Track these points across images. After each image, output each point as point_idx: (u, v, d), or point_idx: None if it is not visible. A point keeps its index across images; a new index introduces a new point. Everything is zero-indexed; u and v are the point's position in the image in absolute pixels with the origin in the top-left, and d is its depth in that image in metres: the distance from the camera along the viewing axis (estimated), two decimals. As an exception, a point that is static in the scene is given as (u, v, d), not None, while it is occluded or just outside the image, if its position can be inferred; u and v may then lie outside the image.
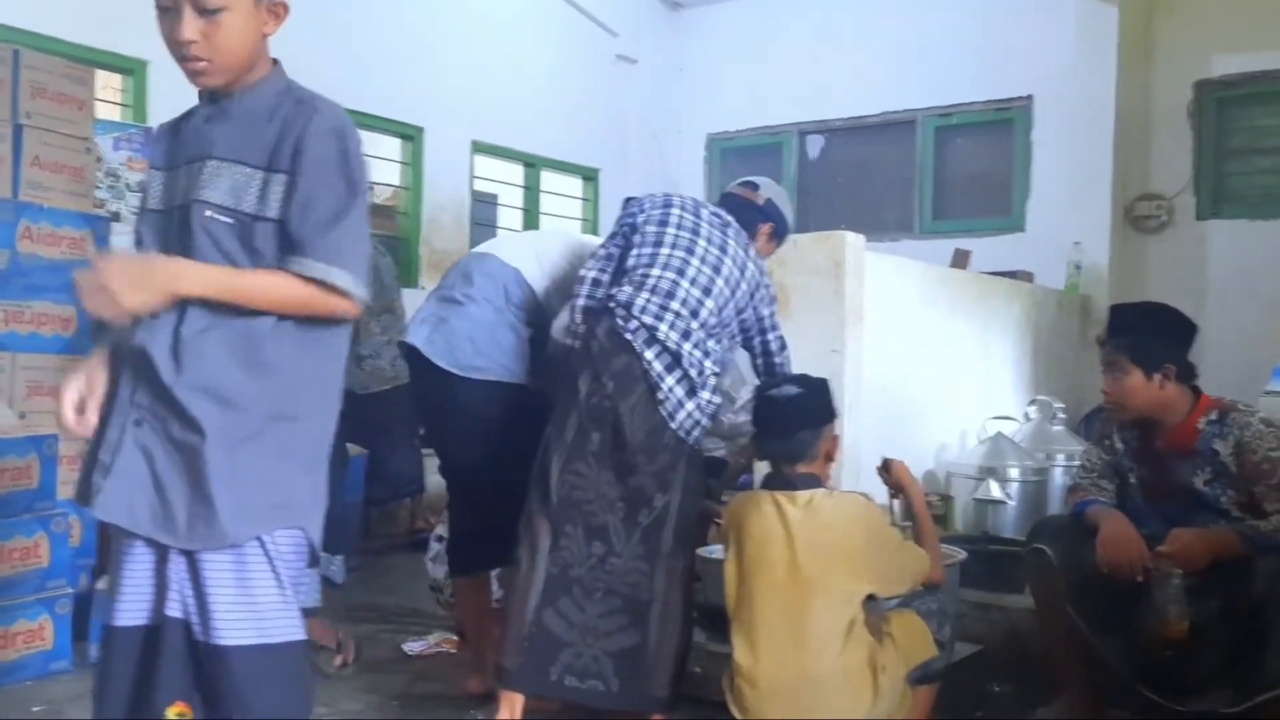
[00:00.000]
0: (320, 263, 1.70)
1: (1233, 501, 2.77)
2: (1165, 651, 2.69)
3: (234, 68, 1.77)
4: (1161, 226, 6.26)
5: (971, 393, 4.66)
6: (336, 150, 1.75)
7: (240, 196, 1.73)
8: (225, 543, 1.69)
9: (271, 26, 1.81)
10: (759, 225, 3.14)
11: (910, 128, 7.16)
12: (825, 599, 2.37)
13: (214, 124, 1.80)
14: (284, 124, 1.76)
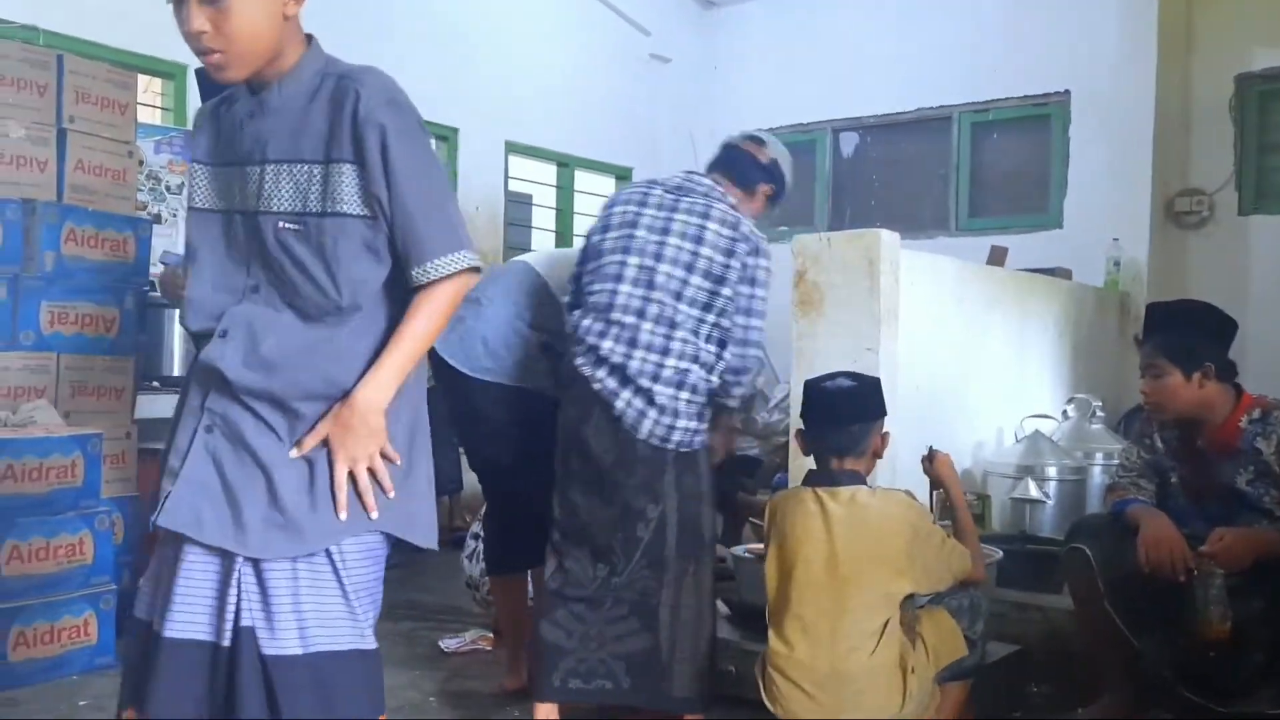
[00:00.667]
0: (447, 255, 1.69)
1: (1276, 501, 2.73)
2: (1207, 652, 2.66)
3: (254, 57, 1.67)
4: (1202, 222, 6.16)
5: (1008, 391, 4.62)
6: (398, 124, 1.68)
7: (305, 197, 1.68)
8: (302, 551, 1.66)
9: (293, 7, 1.69)
10: (759, 185, 3.04)
11: (946, 124, 7.10)
12: (862, 597, 2.37)
13: (258, 120, 1.72)
14: (332, 107, 1.68)
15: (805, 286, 3.67)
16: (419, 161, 1.69)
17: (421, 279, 1.69)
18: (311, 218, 1.68)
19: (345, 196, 1.67)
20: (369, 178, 1.67)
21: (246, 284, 1.74)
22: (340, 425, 1.67)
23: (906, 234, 3.94)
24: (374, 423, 1.68)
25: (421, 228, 1.68)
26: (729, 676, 3.12)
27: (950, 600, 2.57)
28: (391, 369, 1.70)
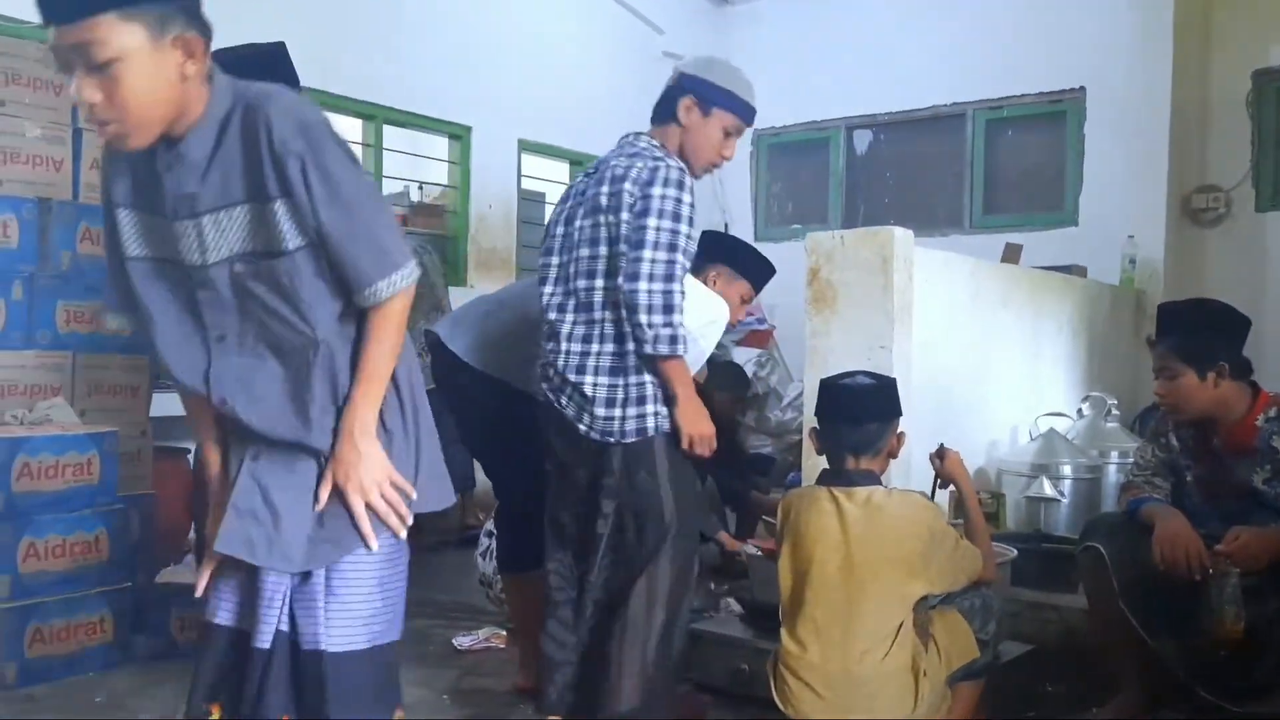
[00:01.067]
0: (380, 281, 1.67)
1: (1292, 500, 2.72)
2: (1221, 653, 2.65)
3: (152, 123, 1.60)
4: (1219, 219, 6.13)
5: (1023, 389, 4.60)
6: (313, 149, 1.61)
7: (248, 240, 1.66)
8: (341, 556, 1.72)
9: (192, 66, 1.60)
10: (678, 103, 2.79)
11: (960, 121, 7.07)
12: (877, 599, 2.36)
13: (178, 173, 1.66)
14: (246, 143, 1.62)
15: (819, 284, 3.67)
16: (339, 185, 1.63)
17: (363, 304, 1.70)
18: (260, 259, 1.67)
19: (285, 232, 1.65)
20: (298, 209, 1.64)
21: (211, 335, 1.74)
22: (343, 464, 1.71)
23: (920, 231, 3.93)
24: (372, 452, 1.71)
25: (351, 257, 1.66)
26: (742, 675, 3.12)
27: (962, 601, 2.56)
28: (366, 399, 1.71)
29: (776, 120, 7.85)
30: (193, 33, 1.59)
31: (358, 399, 1.70)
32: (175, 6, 1.58)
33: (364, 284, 1.67)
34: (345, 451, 1.70)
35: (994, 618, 2.61)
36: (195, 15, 1.61)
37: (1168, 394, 2.82)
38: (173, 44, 1.57)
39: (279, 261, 1.66)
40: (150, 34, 1.55)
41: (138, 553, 3.65)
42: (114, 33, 1.52)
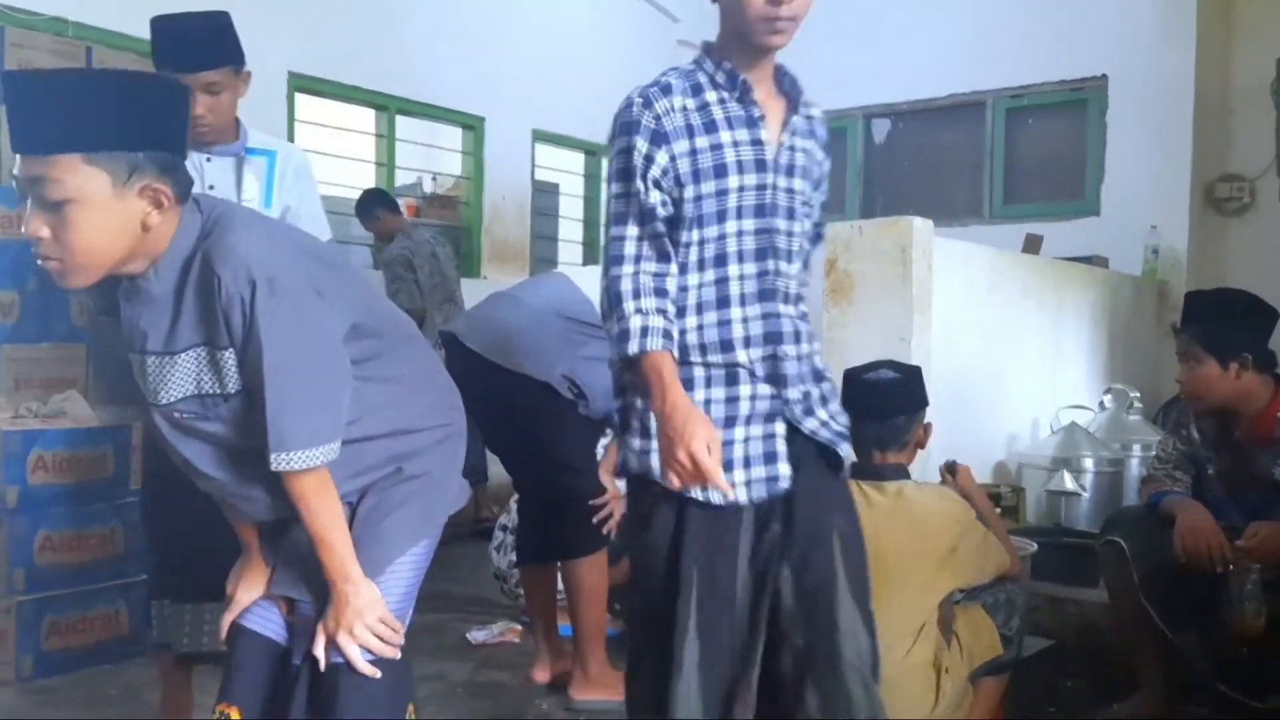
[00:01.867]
0: (272, 453, 1.61)
1: (1314, 493, 2.67)
2: (1242, 649, 2.62)
3: (94, 269, 1.57)
4: (1243, 209, 6.04)
5: (1044, 381, 4.55)
6: (252, 303, 1.57)
7: (198, 382, 1.65)
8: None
9: (156, 216, 1.57)
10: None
11: (980, 110, 7.00)
12: (903, 595, 2.33)
13: (136, 305, 1.65)
14: (201, 291, 1.60)
15: (837, 275, 3.63)
16: (265, 351, 1.58)
17: (273, 466, 1.64)
18: (210, 399, 1.66)
19: (226, 378, 1.64)
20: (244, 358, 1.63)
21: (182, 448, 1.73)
22: (332, 612, 1.70)
23: (940, 221, 3.89)
24: (357, 595, 1.69)
25: (270, 417, 1.61)
26: (758, 670, 3.09)
27: (986, 596, 2.53)
28: (329, 557, 1.67)
29: (793, 110, 7.79)
30: (165, 184, 1.56)
31: (322, 557, 1.68)
32: (151, 157, 1.55)
33: (270, 447, 1.62)
34: (335, 596, 1.70)
35: (1018, 613, 2.58)
36: (170, 168, 1.58)
37: (1189, 382, 2.80)
38: (139, 193, 1.55)
39: (230, 401, 1.65)
40: (114, 181, 1.52)
41: (153, 545, 3.65)
42: (73, 174, 1.50)
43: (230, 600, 1.85)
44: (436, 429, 1.86)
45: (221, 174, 2.53)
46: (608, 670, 3.07)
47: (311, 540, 1.68)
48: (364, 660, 1.68)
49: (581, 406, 3.01)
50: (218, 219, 1.65)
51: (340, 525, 1.69)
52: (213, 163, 2.52)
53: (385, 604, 1.72)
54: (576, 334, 2.98)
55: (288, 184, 2.62)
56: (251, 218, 1.74)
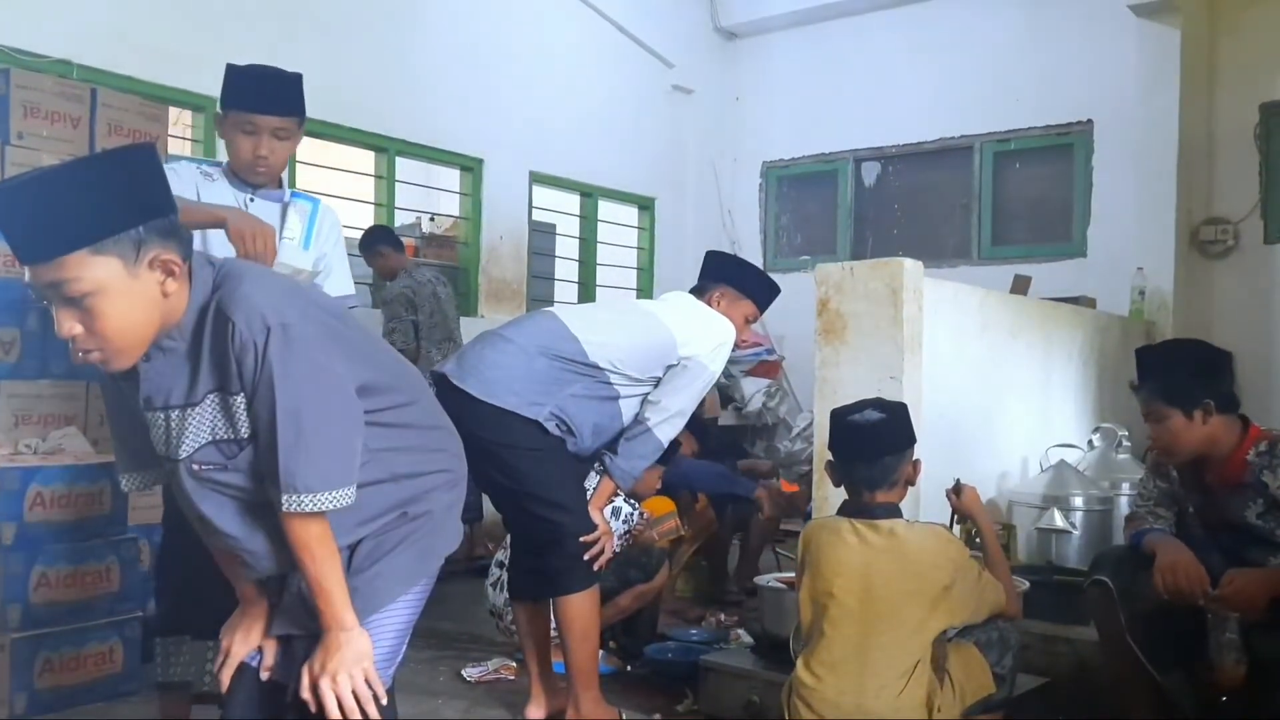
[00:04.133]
0: (281, 495, 1.64)
1: (1288, 534, 2.70)
2: (1222, 698, 2.62)
3: (135, 346, 1.62)
4: (1227, 251, 6.13)
5: (1033, 420, 4.59)
6: (265, 350, 1.61)
7: (214, 429, 1.69)
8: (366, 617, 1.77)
9: (172, 283, 1.61)
10: None
11: (968, 154, 7.11)
12: (895, 634, 2.35)
13: (156, 362, 1.68)
14: (215, 341, 1.64)
15: (828, 315, 3.67)
16: (276, 396, 1.62)
17: (283, 508, 1.67)
18: (225, 445, 1.70)
19: (238, 423, 1.68)
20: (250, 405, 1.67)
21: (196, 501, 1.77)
22: (320, 653, 1.73)
23: (929, 263, 3.95)
24: (348, 644, 1.71)
25: (268, 462, 1.65)
26: (753, 706, 3.10)
27: (980, 634, 2.55)
28: (326, 605, 1.71)
29: (785, 152, 7.90)
30: (170, 251, 1.60)
31: (319, 604, 1.71)
32: (149, 229, 1.58)
33: (277, 488, 1.65)
34: (326, 641, 1.72)
35: (1011, 651, 2.59)
36: (170, 232, 1.62)
37: (1159, 437, 2.82)
38: (150, 266, 1.58)
39: (242, 450, 1.69)
40: (125, 263, 1.56)
41: (148, 583, 3.65)
42: (86, 268, 1.53)
43: (226, 653, 1.88)
44: (440, 473, 1.90)
45: (266, 213, 2.70)
46: (601, 707, 3.08)
47: (310, 588, 1.71)
48: (337, 711, 1.69)
49: (570, 444, 3.05)
50: (229, 271, 1.69)
51: (338, 573, 1.71)
52: (256, 203, 2.71)
53: (375, 656, 1.74)
54: (564, 372, 3.02)
55: (324, 234, 2.81)
56: (264, 271, 1.80)
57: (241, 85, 2.68)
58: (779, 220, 8.07)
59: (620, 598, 3.72)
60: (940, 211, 7.32)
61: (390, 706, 1.81)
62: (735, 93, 8.10)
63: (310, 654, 1.74)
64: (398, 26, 5.99)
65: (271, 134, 2.66)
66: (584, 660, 3.05)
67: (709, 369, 3.15)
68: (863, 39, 7.45)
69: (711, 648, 3.71)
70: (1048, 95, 6.65)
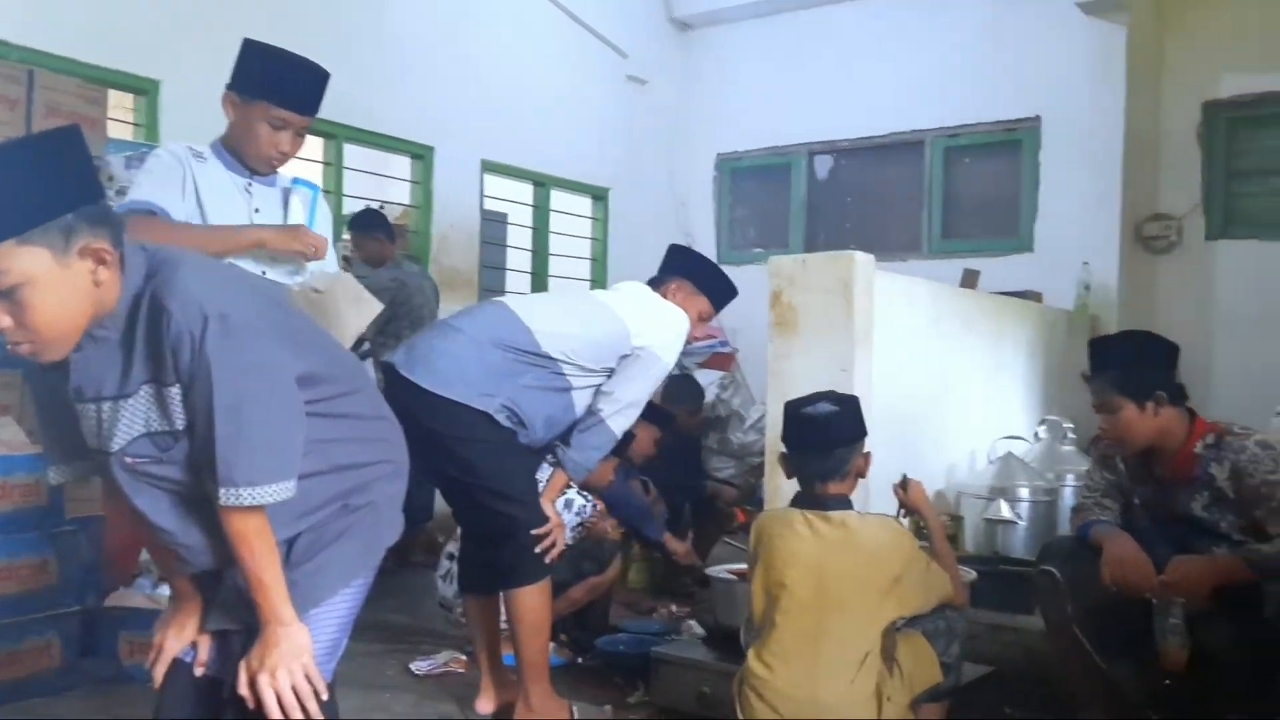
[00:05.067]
0: (219, 489, 1.61)
1: (1234, 526, 2.75)
2: (1166, 681, 2.67)
3: (67, 336, 1.58)
4: (1171, 247, 6.24)
5: (981, 413, 4.65)
6: (201, 340, 1.57)
7: (147, 421, 1.64)
8: (305, 611, 1.75)
9: (104, 272, 1.57)
10: None
11: (919, 148, 7.17)
12: (846, 625, 2.37)
13: (87, 351, 1.63)
14: (150, 329, 1.60)
15: (781, 308, 3.68)
16: (213, 387, 1.59)
17: (221, 502, 1.64)
18: (159, 437, 1.65)
19: (178, 414, 1.64)
20: (184, 397, 1.64)
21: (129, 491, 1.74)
22: (259, 648, 1.70)
23: (880, 256, 3.97)
24: (287, 638, 1.69)
25: (207, 456, 1.62)
26: (704, 698, 3.11)
27: (927, 624, 2.57)
28: (263, 599, 1.68)
29: (739, 145, 7.91)
30: (100, 239, 1.56)
31: (257, 599, 1.68)
32: (79, 215, 1.54)
33: (216, 481, 1.62)
34: (264, 636, 1.70)
35: (958, 640, 2.62)
36: (101, 218, 1.57)
37: (1111, 428, 2.85)
38: (80, 255, 1.54)
39: (178, 442, 1.65)
40: (54, 253, 1.52)
41: (87, 576, 3.57)
42: (13, 260, 1.49)
43: (159, 649, 1.84)
44: (382, 464, 1.88)
45: (267, 200, 2.67)
46: (551, 700, 3.06)
47: (247, 582, 1.68)
48: (276, 708, 1.67)
49: (522, 435, 3.02)
50: (164, 258, 1.65)
51: (276, 567, 1.68)
52: (255, 189, 2.66)
53: (315, 651, 1.71)
54: (516, 363, 2.99)
55: (320, 222, 2.78)
56: (202, 259, 1.74)
57: (279, 76, 2.58)
58: (733, 212, 8.08)
59: (572, 590, 3.71)
60: (891, 205, 7.38)
61: (331, 702, 1.78)
62: (689, 84, 8.10)
63: (248, 649, 1.71)
64: (347, 11, 5.90)
65: (296, 131, 2.61)
66: (535, 653, 3.03)
67: (662, 359, 3.14)
68: (816, 32, 7.47)
69: (663, 639, 3.71)
70: (997, 91, 6.72)
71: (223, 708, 1.77)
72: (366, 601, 1.90)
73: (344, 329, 2.55)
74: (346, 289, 2.60)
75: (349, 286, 2.61)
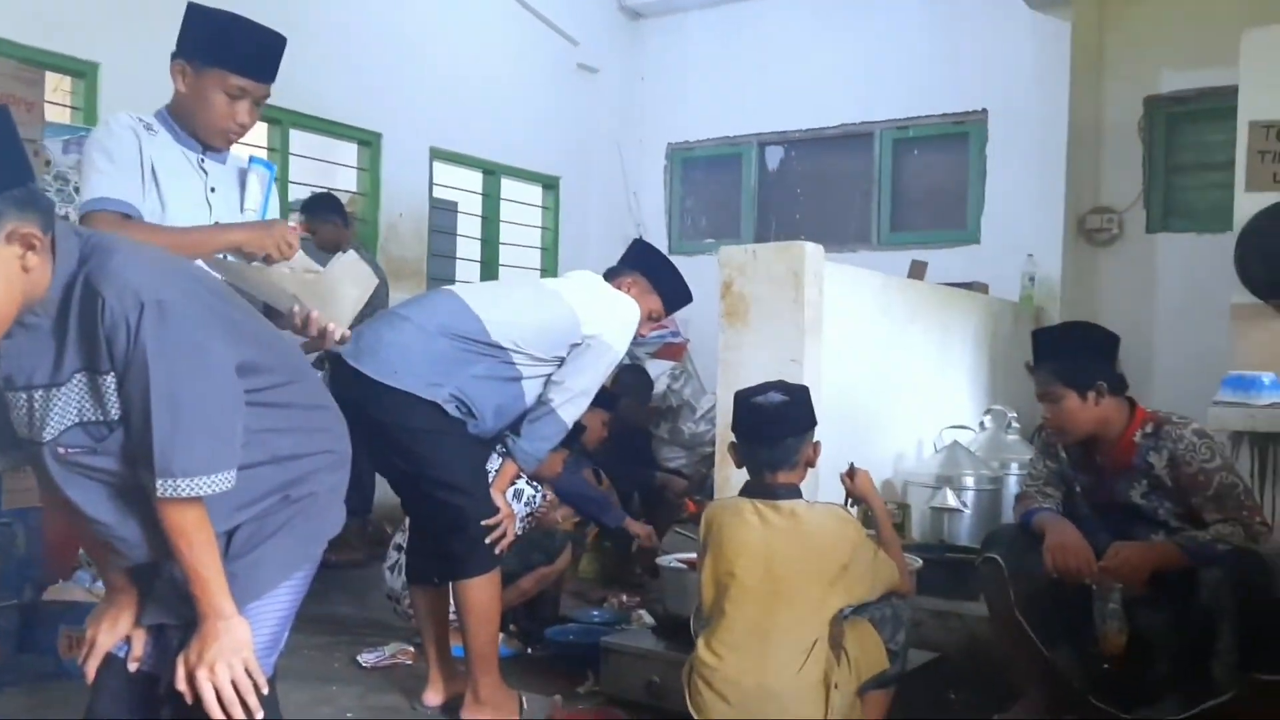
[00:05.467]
0: (155, 480, 1.57)
1: (1172, 513, 2.82)
2: (1105, 664, 2.74)
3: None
4: (1113, 239, 6.36)
5: (928, 402, 4.70)
6: (138, 326, 1.53)
7: (81, 411, 1.60)
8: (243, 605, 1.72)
9: (33, 257, 1.52)
10: None
11: (868, 140, 7.22)
12: (795, 613, 2.39)
13: (18, 339, 1.59)
14: (84, 316, 1.56)
15: (731, 298, 3.70)
16: (150, 374, 1.55)
17: (158, 493, 1.60)
18: (93, 427, 1.61)
19: (113, 403, 1.60)
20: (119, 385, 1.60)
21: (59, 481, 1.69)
22: (197, 642, 1.67)
23: (830, 247, 4.00)
24: (227, 632, 1.66)
25: (142, 446, 1.59)
26: (654, 687, 3.11)
27: (874, 611, 2.60)
28: (202, 592, 1.65)
29: (690, 134, 7.92)
30: (29, 224, 1.51)
31: (195, 592, 1.65)
32: (4, 200, 1.49)
33: (154, 472, 1.58)
34: (203, 629, 1.66)
35: (903, 627, 2.65)
36: (29, 202, 1.52)
37: (1054, 418, 2.91)
38: (8, 240, 1.50)
39: (112, 432, 1.61)
40: None
41: (24, 569, 3.49)
42: None
43: (91, 644, 1.80)
44: (323, 454, 1.85)
45: (224, 178, 2.52)
46: (500, 691, 3.06)
47: (186, 575, 1.64)
48: (215, 704, 1.64)
49: (471, 426, 3.00)
50: (98, 244, 1.60)
51: (215, 560, 1.65)
52: (209, 165, 2.49)
53: (255, 645, 1.68)
54: (465, 352, 2.97)
55: (273, 204, 2.63)
56: (137, 245, 1.69)
57: (233, 41, 2.41)
58: (684, 203, 8.09)
59: (522, 580, 3.70)
60: (842, 197, 7.43)
61: (272, 697, 1.75)
62: (640, 73, 8.08)
63: (186, 643, 1.68)
64: (294, -5, 5.81)
65: (255, 102, 2.44)
66: (484, 644, 3.02)
67: (613, 348, 3.14)
68: (768, 23, 7.49)
69: (613, 629, 3.72)
70: (945, 84, 6.79)
71: (159, 703, 1.73)
72: (312, 594, 1.88)
73: (343, 307, 2.40)
74: (345, 266, 2.43)
75: (347, 264, 2.44)
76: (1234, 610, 2.62)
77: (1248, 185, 4.49)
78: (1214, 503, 2.73)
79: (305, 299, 2.32)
